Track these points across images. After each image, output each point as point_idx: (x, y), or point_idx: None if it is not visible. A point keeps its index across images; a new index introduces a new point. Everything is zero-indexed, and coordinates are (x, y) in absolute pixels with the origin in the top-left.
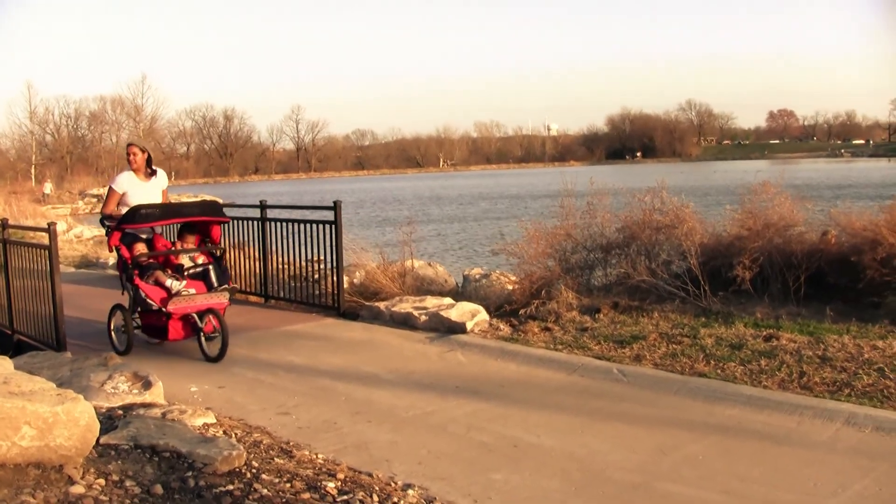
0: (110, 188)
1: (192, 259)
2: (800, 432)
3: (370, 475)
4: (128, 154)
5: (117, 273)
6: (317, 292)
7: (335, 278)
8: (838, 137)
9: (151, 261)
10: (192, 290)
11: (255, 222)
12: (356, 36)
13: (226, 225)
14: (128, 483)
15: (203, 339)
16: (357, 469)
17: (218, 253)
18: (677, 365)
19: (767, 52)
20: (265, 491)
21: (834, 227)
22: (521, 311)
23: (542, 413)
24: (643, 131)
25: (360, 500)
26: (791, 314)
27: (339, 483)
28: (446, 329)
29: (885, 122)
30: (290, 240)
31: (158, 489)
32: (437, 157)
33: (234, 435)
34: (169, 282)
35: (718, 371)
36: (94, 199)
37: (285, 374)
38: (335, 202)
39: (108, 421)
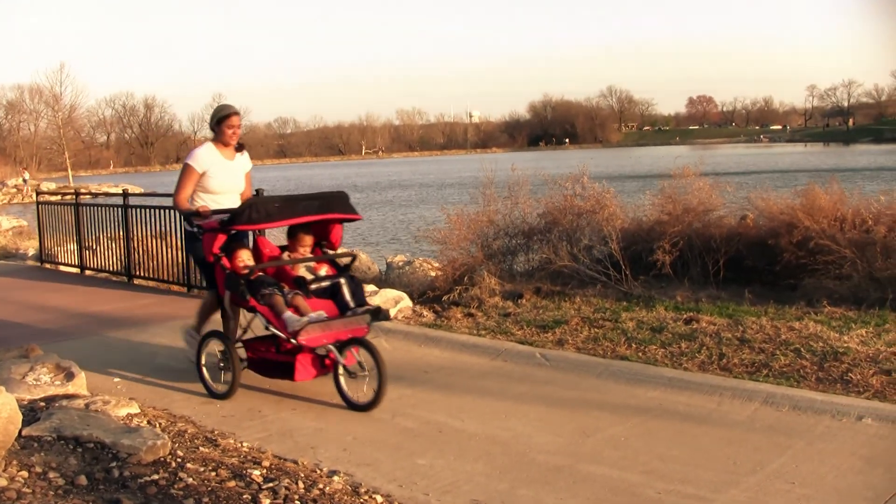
0: (186, 166)
1: (313, 270)
2: (720, 412)
3: (296, 462)
4: (223, 123)
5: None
6: None
7: None
8: (756, 123)
9: (258, 273)
10: (323, 314)
11: (177, 211)
12: (277, 23)
13: (144, 216)
14: (51, 475)
15: (342, 378)
16: (282, 457)
17: (348, 261)
18: (599, 349)
19: (686, 39)
20: (190, 480)
21: (753, 210)
22: (445, 298)
23: (466, 398)
24: (565, 118)
25: (286, 488)
26: (711, 297)
27: (265, 471)
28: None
29: (801, 107)
30: None
31: (82, 480)
32: (360, 145)
33: (158, 425)
34: (292, 301)
35: (640, 354)
36: (13, 190)
37: None
38: (257, 190)
39: (31, 413)
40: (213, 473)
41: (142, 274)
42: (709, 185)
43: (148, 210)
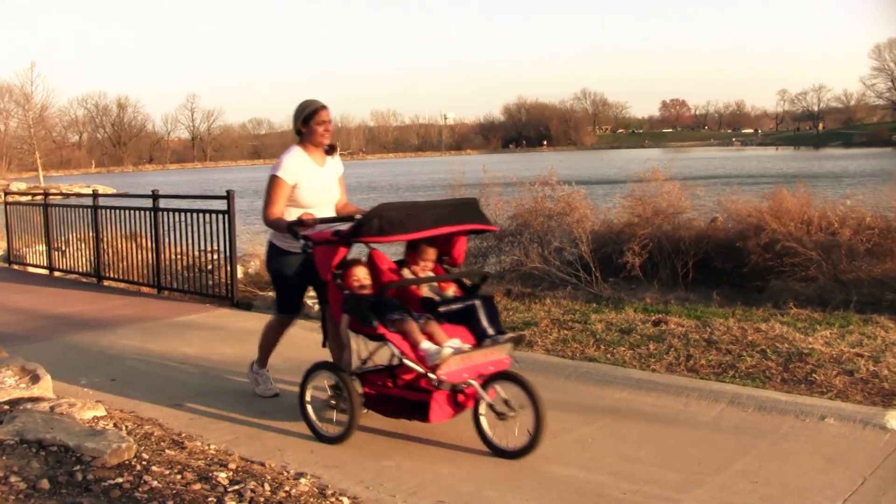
0: (274, 179)
1: (438, 290)
2: (686, 413)
3: (262, 464)
4: (312, 120)
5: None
6: (211, 282)
7: (229, 268)
8: (729, 126)
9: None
10: (461, 343)
11: (148, 212)
12: (252, 24)
13: (114, 216)
14: (13, 479)
15: (484, 418)
16: (249, 459)
17: (477, 280)
18: (568, 350)
19: (660, 42)
20: (155, 483)
21: (722, 213)
22: None
23: None
24: (539, 120)
25: (252, 490)
26: (679, 299)
27: (231, 473)
28: None
29: (772, 111)
30: (184, 230)
31: (45, 484)
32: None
33: (124, 427)
34: (425, 328)
35: (609, 355)
36: None
37: (178, 365)
38: (228, 192)
39: None
40: (179, 476)
41: (111, 275)
42: (678, 188)
43: (118, 211)
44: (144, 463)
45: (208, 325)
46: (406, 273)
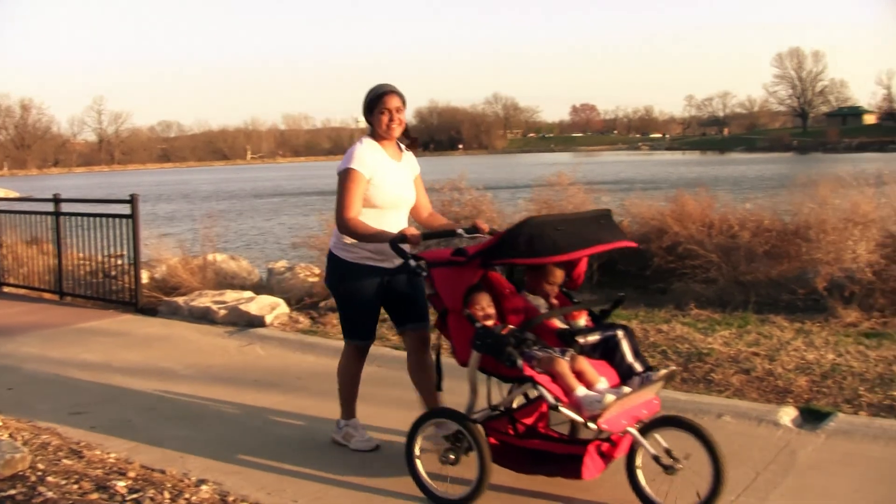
0: (349, 172)
1: (569, 319)
2: None
3: (163, 472)
4: (376, 106)
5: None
6: (115, 288)
7: (133, 273)
8: (637, 131)
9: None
10: (607, 383)
11: (50, 217)
12: (161, 24)
13: (15, 220)
14: None
15: (641, 471)
16: (150, 467)
17: (608, 308)
18: None
19: (572, 48)
20: (50, 493)
21: (626, 216)
22: (322, 304)
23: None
24: (451, 124)
25: (151, 498)
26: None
27: (130, 482)
28: (246, 323)
29: (680, 116)
30: (87, 235)
31: None
32: (244, 150)
33: (20, 438)
34: (574, 366)
35: None
36: None
37: (79, 373)
38: (132, 195)
39: None
40: (76, 486)
41: (11, 281)
42: (583, 192)
43: (18, 215)
44: (40, 473)
45: (111, 332)
46: (532, 299)
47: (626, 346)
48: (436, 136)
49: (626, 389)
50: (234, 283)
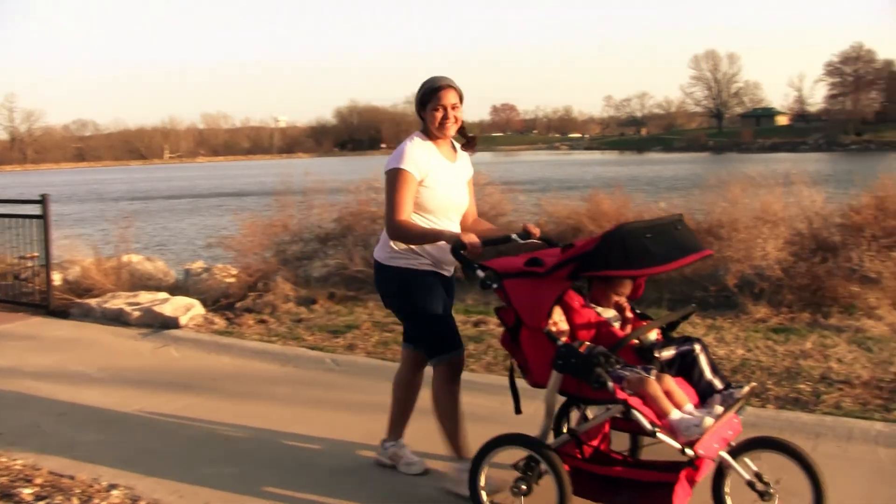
0: (398, 172)
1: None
2: (503, 412)
3: (72, 478)
4: (428, 102)
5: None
6: (25, 290)
7: (45, 275)
8: (557, 131)
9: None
10: (713, 407)
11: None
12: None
13: None
14: None
15: (730, 498)
16: (58, 473)
17: (676, 319)
18: (389, 352)
19: (492, 48)
20: None
21: (543, 215)
22: (238, 304)
23: (256, 405)
24: (371, 123)
25: None
26: (500, 300)
27: (37, 488)
28: (160, 324)
29: (599, 117)
30: None
31: None
32: (162, 149)
33: None
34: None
35: None
36: None
37: None
38: (42, 196)
39: None
40: None
41: None
42: (499, 191)
43: None
44: None
45: (20, 335)
46: (603, 312)
47: (704, 362)
48: (356, 135)
49: (719, 410)
50: (150, 285)
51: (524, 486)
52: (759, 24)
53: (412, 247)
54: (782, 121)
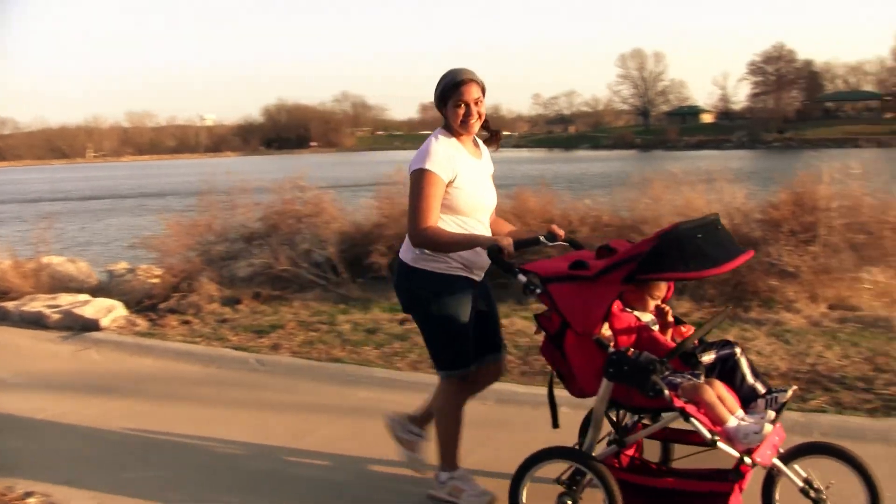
0: (423, 173)
1: (676, 336)
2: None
3: None
4: (450, 97)
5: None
6: None
7: None
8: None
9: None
10: (765, 412)
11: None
12: None
13: None
14: None
15: None
16: None
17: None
18: (315, 352)
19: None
20: None
21: None
22: (162, 305)
23: (178, 407)
24: (299, 122)
25: None
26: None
27: None
28: (81, 327)
29: (527, 115)
30: None
31: None
32: (84, 148)
33: None
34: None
35: (354, 356)
36: None
37: None
38: None
39: None
40: None
41: None
42: None
43: None
44: None
45: None
46: (641, 316)
47: (745, 366)
48: (283, 133)
49: (771, 415)
50: (72, 287)
51: (569, 501)
52: (684, 24)
53: None
54: (707, 119)
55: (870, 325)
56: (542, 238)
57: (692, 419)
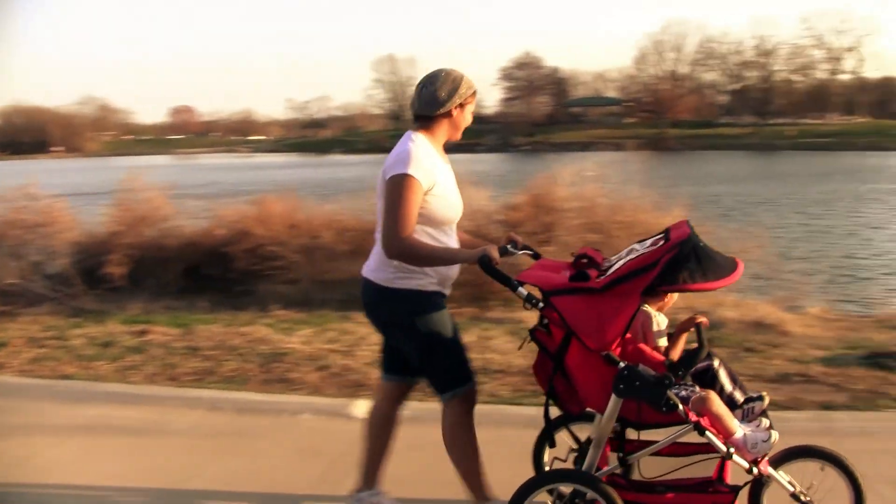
0: (405, 179)
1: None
2: (164, 422)
3: None
4: (468, 102)
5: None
6: None
7: None
8: (239, 133)
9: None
10: (761, 420)
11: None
12: None
13: None
14: None
15: None
16: None
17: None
18: (43, 369)
19: (172, 52)
20: None
21: (211, 219)
22: None
23: None
24: (38, 125)
25: None
26: (169, 308)
27: None
28: None
29: (281, 119)
30: None
31: None
32: None
33: None
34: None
35: (87, 371)
36: None
37: None
38: None
39: None
40: None
41: None
42: (161, 195)
43: None
44: None
45: None
46: (662, 321)
47: (724, 376)
48: (20, 137)
49: (767, 422)
50: None
51: None
52: (435, 29)
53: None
54: None
55: None
56: (509, 247)
57: (707, 432)
